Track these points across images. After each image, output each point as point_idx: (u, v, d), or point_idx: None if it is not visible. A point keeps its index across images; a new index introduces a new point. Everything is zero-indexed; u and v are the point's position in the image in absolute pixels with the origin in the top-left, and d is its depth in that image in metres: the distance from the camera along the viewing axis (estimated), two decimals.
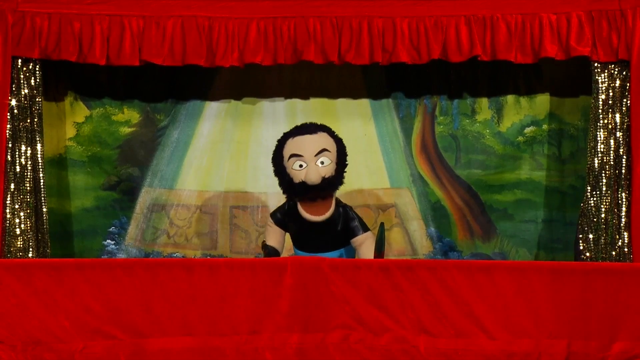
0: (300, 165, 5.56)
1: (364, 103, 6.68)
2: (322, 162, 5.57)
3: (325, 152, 5.58)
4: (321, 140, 5.61)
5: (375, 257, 5.54)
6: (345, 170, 5.70)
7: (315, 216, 5.62)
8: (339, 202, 5.71)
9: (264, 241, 5.81)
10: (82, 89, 6.65)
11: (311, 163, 5.55)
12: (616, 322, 5.03)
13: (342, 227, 5.66)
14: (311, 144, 5.59)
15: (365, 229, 5.69)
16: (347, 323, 5.06)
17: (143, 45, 6.05)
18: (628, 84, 6.03)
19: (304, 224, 5.68)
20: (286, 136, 5.69)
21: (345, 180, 5.79)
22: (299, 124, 5.79)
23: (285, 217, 5.78)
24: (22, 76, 6.09)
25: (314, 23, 6.05)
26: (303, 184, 5.55)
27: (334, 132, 5.71)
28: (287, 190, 5.67)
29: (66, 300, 5.06)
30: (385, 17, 6.04)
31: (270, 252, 5.72)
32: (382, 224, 5.65)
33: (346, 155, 5.70)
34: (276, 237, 5.80)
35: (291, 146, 5.61)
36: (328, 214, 5.62)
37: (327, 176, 5.56)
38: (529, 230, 6.62)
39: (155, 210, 6.70)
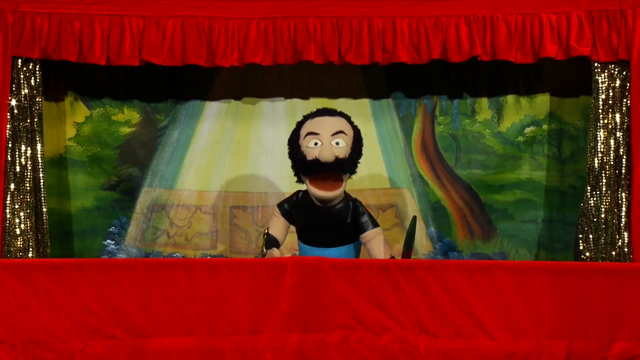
0: (316, 143, 5.59)
1: (364, 103, 6.68)
2: (337, 143, 5.59)
3: (342, 134, 5.61)
4: (340, 122, 5.66)
5: (403, 254, 5.53)
6: (360, 160, 5.70)
7: (326, 192, 5.59)
8: (349, 196, 5.71)
9: (266, 230, 5.79)
10: (82, 89, 6.65)
11: (326, 142, 5.57)
12: (616, 322, 5.03)
13: (352, 221, 5.66)
14: (329, 124, 5.63)
15: (375, 224, 5.71)
16: (347, 323, 5.06)
17: (143, 45, 6.05)
18: (628, 84, 6.03)
19: (312, 215, 5.68)
20: (306, 118, 5.74)
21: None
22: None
23: (292, 208, 5.78)
24: (22, 76, 6.09)
25: (314, 23, 6.05)
26: (316, 161, 5.54)
27: (352, 121, 5.74)
28: (299, 169, 5.66)
29: (66, 300, 5.05)
30: (385, 17, 6.04)
31: (270, 240, 5.72)
32: (414, 218, 5.64)
33: (362, 145, 5.71)
34: (280, 228, 5.80)
35: (309, 125, 5.66)
36: (338, 192, 5.60)
37: (340, 157, 5.56)
38: (529, 230, 6.62)
39: (155, 210, 6.70)
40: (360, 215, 5.69)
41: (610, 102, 6.05)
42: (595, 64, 6.05)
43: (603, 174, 6.06)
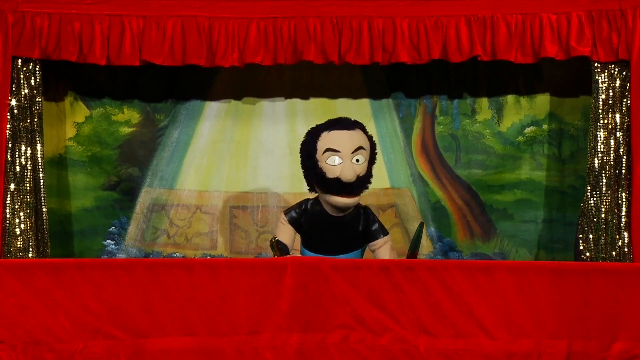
0: (336, 161, 5.52)
1: (364, 103, 6.68)
2: (357, 160, 5.51)
3: (361, 150, 5.51)
4: (358, 137, 5.54)
5: (408, 256, 5.53)
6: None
7: (346, 199, 5.50)
8: (359, 204, 5.66)
9: (274, 238, 5.61)
10: (82, 89, 6.65)
11: (347, 160, 5.47)
12: (616, 322, 5.03)
13: (363, 229, 5.63)
14: (349, 141, 5.50)
15: (385, 232, 5.67)
16: (347, 323, 5.06)
17: (143, 45, 6.06)
18: (628, 84, 6.03)
19: (322, 224, 5.62)
20: (321, 128, 5.58)
21: None
22: (310, 122, 5.76)
23: (301, 216, 5.68)
24: (22, 76, 6.09)
25: (314, 23, 6.05)
26: (337, 180, 5.50)
27: (366, 130, 5.64)
28: (318, 184, 5.55)
29: (66, 300, 5.05)
30: (385, 17, 6.04)
31: (282, 248, 5.54)
32: (421, 224, 5.61)
33: (376, 153, 5.66)
34: (288, 235, 5.65)
35: (327, 140, 5.51)
36: (357, 198, 5.53)
37: (361, 174, 5.51)
38: (529, 230, 6.62)
39: (155, 210, 6.70)
40: (371, 223, 5.64)
41: (610, 102, 6.05)
42: (595, 64, 6.05)
43: (603, 174, 6.06)
